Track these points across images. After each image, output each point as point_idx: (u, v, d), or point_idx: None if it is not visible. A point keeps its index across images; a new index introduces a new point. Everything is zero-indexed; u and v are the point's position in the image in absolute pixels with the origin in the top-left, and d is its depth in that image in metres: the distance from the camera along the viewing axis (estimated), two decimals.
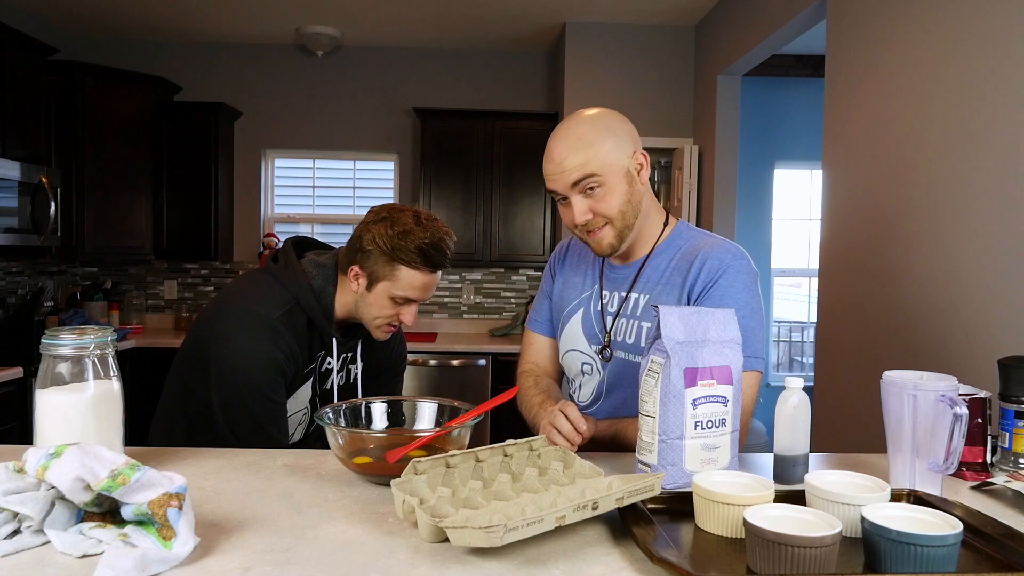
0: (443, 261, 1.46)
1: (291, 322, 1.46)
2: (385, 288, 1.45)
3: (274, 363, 1.43)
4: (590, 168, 1.30)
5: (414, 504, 0.91)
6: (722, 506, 0.93)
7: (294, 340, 1.46)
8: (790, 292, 5.52)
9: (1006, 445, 1.22)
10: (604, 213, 1.33)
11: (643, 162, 1.36)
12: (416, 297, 1.47)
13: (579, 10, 4.06)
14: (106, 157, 4.10)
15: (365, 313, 1.49)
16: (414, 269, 1.44)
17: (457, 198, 4.46)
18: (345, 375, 1.63)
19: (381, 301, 1.46)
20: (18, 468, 0.88)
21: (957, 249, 1.98)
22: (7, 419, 3.14)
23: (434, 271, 1.46)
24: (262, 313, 1.45)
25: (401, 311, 1.49)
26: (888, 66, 2.33)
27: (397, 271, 1.44)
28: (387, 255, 1.43)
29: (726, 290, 1.31)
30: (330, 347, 1.54)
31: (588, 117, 1.35)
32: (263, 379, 1.43)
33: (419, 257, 1.43)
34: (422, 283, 1.46)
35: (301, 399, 1.54)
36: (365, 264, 1.46)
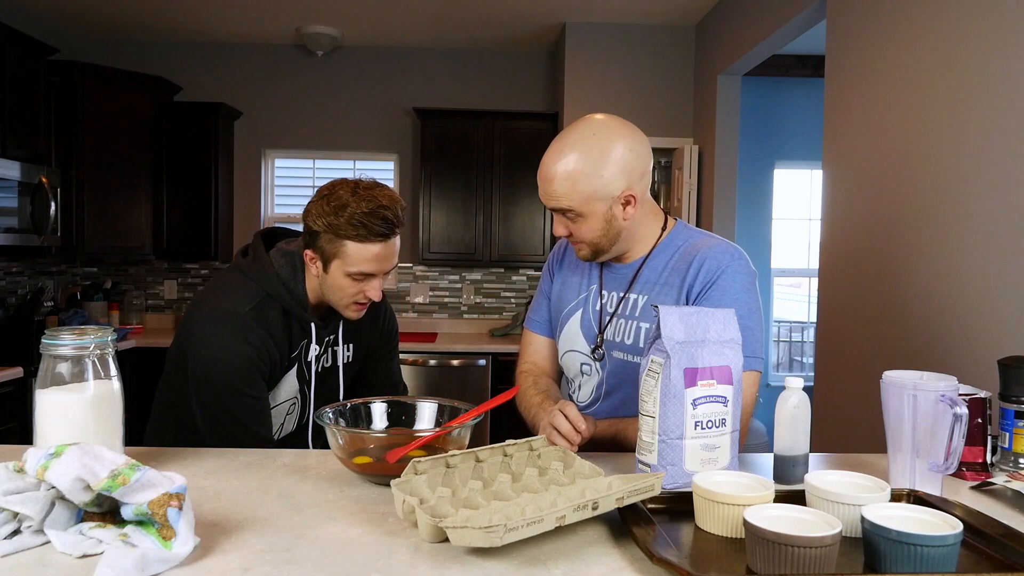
0: (385, 228, 1.39)
1: (263, 315, 1.45)
2: (338, 267, 1.41)
3: (247, 359, 1.42)
4: (570, 203, 1.32)
5: (414, 504, 0.91)
6: (722, 506, 0.93)
7: (267, 333, 1.44)
8: (790, 292, 5.52)
9: (1006, 445, 1.22)
10: (578, 238, 1.37)
11: (632, 201, 1.34)
12: (372, 270, 1.42)
13: (579, 10, 4.06)
14: (106, 157, 4.10)
15: (330, 295, 1.47)
16: (359, 242, 1.38)
17: (457, 198, 4.46)
18: (331, 357, 1.60)
19: (340, 281, 1.43)
20: (18, 468, 0.88)
21: (957, 249, 1.98)
22: (7, 419, 3.14)
23: (380, 240, 1.40)
24: (231, 310, 1.44)
25: (364, 287, 1.44)
26: (888, 66, 2.33)
27: (344, 247, 1.39)
28: (330, 233, 1.39)
29: (725, 290, 1.31)
30: (311, 333, 1.52)
31: (587, 141, 1.30)
32: (238, 376, 1.42)
33: (359, 229, 1.37)
34: (372, 255, 1.40)
35: (288, 388, 1.53)
36: (315, 246, 1.43)
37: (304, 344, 1.52)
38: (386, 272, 1.45)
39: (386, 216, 1.39)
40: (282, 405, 1.55)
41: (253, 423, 1.45)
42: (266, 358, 1.45)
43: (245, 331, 1.42)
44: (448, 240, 4.48)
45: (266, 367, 1.46)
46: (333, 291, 1.45)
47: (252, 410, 1.45)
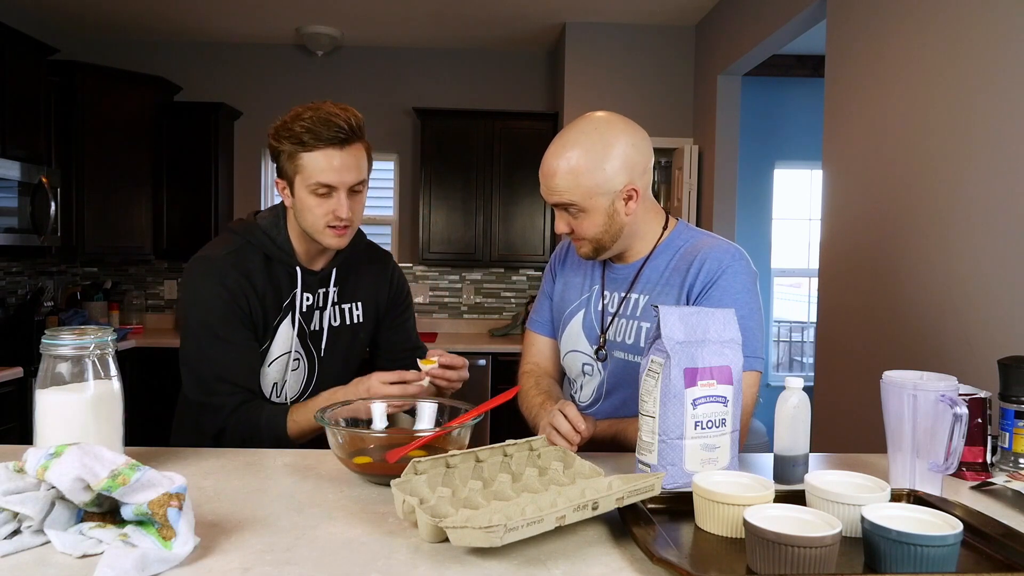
0: (336, 133, 1.37)
1: (240, 260, 1.45)
2: (300, 184, 1.40)
3: (220, 300, 1.42)
4: (571, 197, 1.32)
5: (414, 504, 0.91)
6: (722, 506, 0.93)
7: (244, 278, 1.44)
8: (790, 292, 5.52)
9: (1006, 445, 1.22)
10: (580, 234, 1.37)
11: (634, 195, 1.34)
12: (331, 181, 1.38)
13: (579, 10, 4.06)
14: (106, 157, 4.10)
15: (304, 222, 1.45)
16: (313, 151, 1.37)
17: (457, 198, 4.46)
18: (338, 315, 1.58)
19: (306, 200, 1.41)
20: (18, 468, 0.88)
21: (957, 249, 1.98)
22: (7, 419, 3.14)
23: (336, 146, 1.38)
24: (207, 255, 1.47)
25: (331, 205, 1.41)
26: (888, 66, 2.33)
27: (299, 160, 1.39)
28: (286, 150, 1.39)
29: (725, 290, 1.31)
30: (297, 280, 1.50)
31: (589, 136, 1.31)
32: (212, 317, 1.42)
33: (309, 136, 1.36)
34: (328, 163, 1.38)
35: (283, 341, 1.50)
36: (281, 171, 1.43)
37: (295, 295, 1.50)
38: (350, 186, 1.41)
39: (335, 122, 1.37)
40: (280, 360, 1.51)
41: (229, 371, 1.42)
42: (243, 301, 1.43)
43: (220, 274, 1.43)
44: (448, 240, 4.48)
45: (243, 311, 1.44)
46: (304, 215, 1.43)
47: (229, 356, 1.43)
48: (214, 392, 1.42)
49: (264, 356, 1.49)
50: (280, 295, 1.49)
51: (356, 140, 1.42)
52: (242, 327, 1.44)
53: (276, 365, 1.51)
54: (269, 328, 1.48)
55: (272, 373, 1.51)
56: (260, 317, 1.47)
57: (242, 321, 1.44)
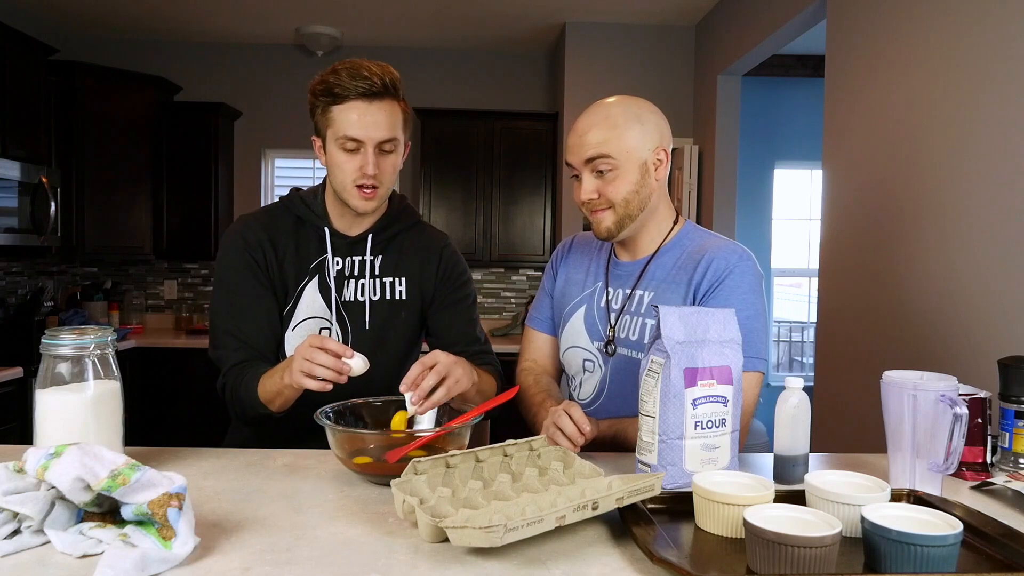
0: (365, 85, 1.35)
1: (270, 218, 1.48)
2: (331, 139, 1.39)
3: (236, 251, 1.44)
4: (608, 149, 1.32)
5: (414, 504, 0.91)
6: (722, 506, 0.93)
7: (266, 232, 1.46)
8: (790, 292, 5.52)
9: (1006, 445, 1.22)
10: (609, 197, 1.35)
11: (663, 159, 1.36)
12: (358, 135, 1.36)
13: (579, 10, 4.06)
14: (106, 157, 4.10)
15: (334, 181, 1.43)
16: (343, 104, 1.36)
17: (457, 198, 4.46)
18: (378, 288, 1.52)
19: (336, 157, 1.39)
20: (18, 468, 0.88)
21: (957, 249, 1.98)
22: (7, 419, 3.14)
23: (364, 98, 1.36)
24: (243, 214, 1.52)
25: (359, 161, 1.38)
26: (888, 66, 2.33)
27: (329, 114, 1.38)
28: (319, 106, 1.40)
29: (732, 291, 1.31)
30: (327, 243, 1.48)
31: (622, 100, 1.36)
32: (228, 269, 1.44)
33: (340, 89, 1.36)
34: (357, 115, 1.36)
35: (309, 304, 1.47)
36: (316, 130, 1.44)
37: (324, 258, 1.48)
38: (378, 142, 1.38)
39: (363, 73, 1.36)
40: (306, 324, 1.47)
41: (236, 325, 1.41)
42: (259, 254, 1.44)
43: (244, 228, 1.46)
44: None
45: (259, 265, 1.44)
46: (335, 174, 1.41)
47: (236, 310, 1.42)
48: (220, 345, 1.42)
49: (288, 319, 1.46)
50: (307, 256, 1.48)
51: (389, 96, 1.38)
52: (256, 283, 1.43)
53: (301, 329, 1.46)
54: (291, 289, 1.46)
55: (296, 338, 1.45)
56: (278, 274, 1.45)
57: (256, 276, 1.43)
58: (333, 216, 1.50)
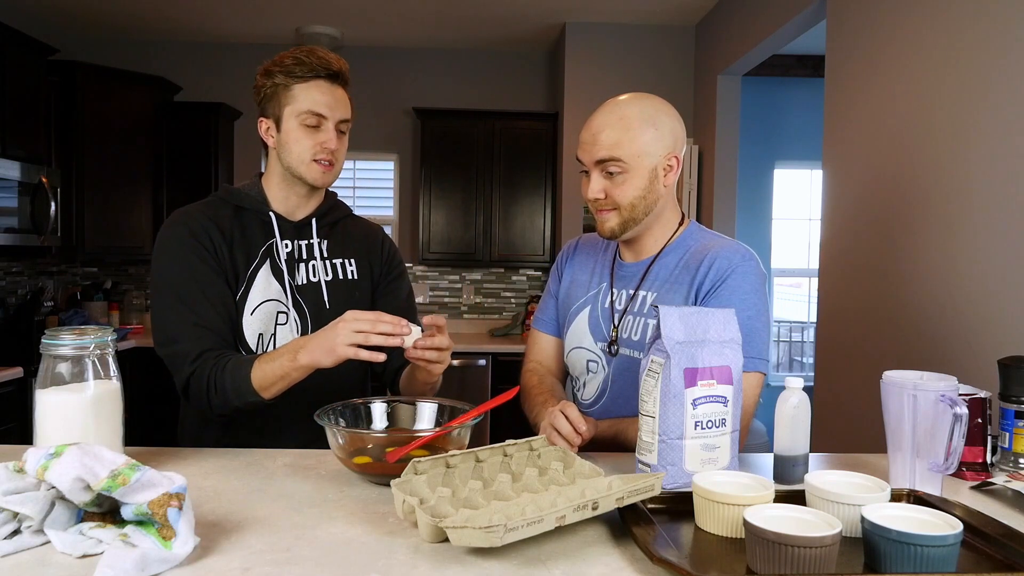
0: (325, 67, 1.42)
1: (210, 209, 1.47)
2: (289, 115, 1.42)
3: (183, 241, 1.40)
4: (619, 152, 1.31)
5: (414, 504, 0.91)
6: (722, 506, 0.93)
7: (211, 220, 1.44)
8: (790, 292, 5.52)
9: (1006, 445, 1.22)
10: (616, 199, 1.35)
11: (674, 165, 1.36)
12: (322, 111, 1.41)
13: (579, 10, 4.06)
14: (106, 157, 4.10)
15: (289, 157, 1.44)
16: (306, 82, 1.41)
17: (457, 198, 4.46)
18: (329, 269, 1.54)
19: (294, 133, 1.42)
20: (18, 468, 0.88)
21: (957, 249, 1.98)
22: (7, 419, 3.14)
23: (323, 79, 1.42)
24: (180, 209, 1.48)
25: (319, 137, 1.43)
26: (888, 66, 2.33)
27: (291, 91, 1.42)
28: (276, 84, 1.42)
29: (734, 290, 1.31)
30: (272, 228, 1.48)
31: (639, 100, 1.35)
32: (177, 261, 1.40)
33: (302, 68, 1.41)
34: (318, 94, 1.42)
35: (262, 288, 1.45)
36: (266, 110, 1.46)
37: (272, 243, 1.48)
38: (338, 121, 1.44)
39: (323, 55, 1.42)
40: (262, 308, 1.45)
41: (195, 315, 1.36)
42: (207, 241, 1.41)
43: (186, 220, 1.43)
44: (448, 240, 4.48)
45: (208, 251, 1.41)
46: (289, 149, 1.44)
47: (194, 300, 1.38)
48: (177, 339, 1.36)
49: (242, 306, 1.44)
50: (254, 242, 1.47)
51: (344, 83, 1.46)
52: (208, 269, 1.40)
53: (259, 314, 1.45)
54: (241, 274, 1.44)
55: (255, 323, 1.45)
56: (228, 261, 1.43)
57: (207, 262, 1.41)
58: (275, 201, 1.50)
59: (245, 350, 1.44)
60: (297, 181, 1.47)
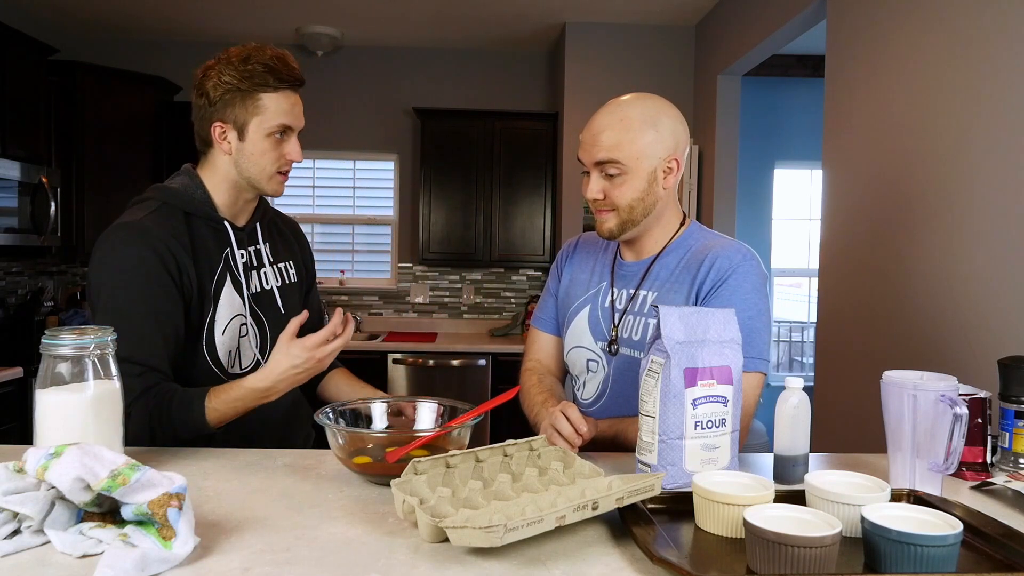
0: (296, 74, 1.36)
1: (163, 219, 1.33)
2: (257, 126, 1.34)
3: (144, 265, 1.27)
4: (618, 154, 1.31)
5: (414, 504, 0.91)
6: (722, 506, 0.93)
7: (173, 237, 1.31)
8: (790, 292, 5.52)
9: (1006, 445, 1.22)
10: (614, 200, 1.35)
11: (674, 167, 1.35)
12: (292, 124, 1.37)
13: (579, 10, 4.06)
14: (106, 157, 4.10)
15: (251, 167, 1.37)
16: (275, 92, 1.34)
17: (457, 198, 4.46)
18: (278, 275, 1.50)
19: (260, 145, 1.35)
20: (18, 468, 0.88)
21: (957, 249, 1.98)
22: (7, 419, 3.15)
23: (292, 88, 1.37)
24: (126, 222, 1.32)
25: (284, 148, 1.38)
26: (888, 66, 2.33)
27: (260, 101, 1.33)
28: (241, 90, 1.32)
29: (734, 290, 1.31)
30: (227, 236, 1.40)
31: (642, 101, 1.34)
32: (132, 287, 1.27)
33: (272, 77, 1.33)
34: (289, 104, 1.36)
35: (228, 304, 1.39)
36: (225, 114, 1.34)
37: (228, 253, 1.41)
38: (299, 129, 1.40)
39: (289, 62, 1.36)
40: (231, 326, 1.39)
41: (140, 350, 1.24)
42: (172, 265, 1.29)
43: (144, 233, 1.29)
44: (448, 240, 4.48)
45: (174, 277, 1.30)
46: (254, 160, 1.36)
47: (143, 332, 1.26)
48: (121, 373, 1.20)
49: (212, 326, 1.36)
50: (211, 254, 1.38)
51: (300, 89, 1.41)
52: (166, 298, 1.29)
53: (229, 332, 1.39)
54: (207, 294, 1.35)
55: (226, 341, 1.38)
56: (194, 281, 1.33)
57: (167, 291, 1.29)
58: (222, 207, 1.41)
59: (217, 369, 1.38)
60: (250, 189, 1.41)
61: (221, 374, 1.39)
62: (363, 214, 4.86)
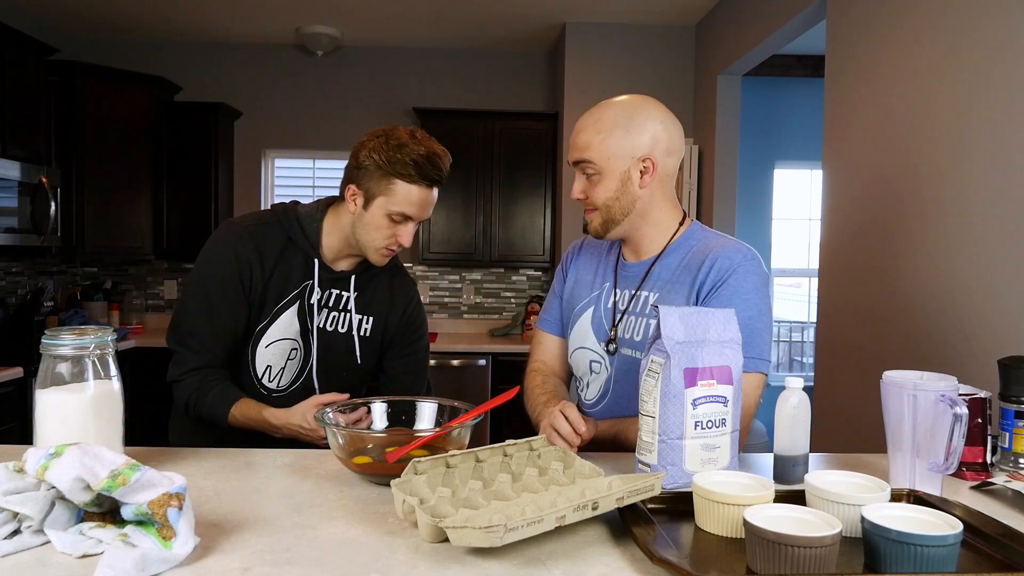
0: (438, 175, 1.46)
1: (263, 231, 1.50)
2: (381, 204, 1.45)
3: (226, 263, 1.47)
4: (589, 155, 1.35)
5: (414, 504, 0.91)
6: (722, 506, 0.93)
7: (257, 252, 1.48)
8: (790, 292, 5.52)
9: (1006, 445, 1.22)
10: (591, 199, 1.38)
11: (650, 169, 1.35)
12: (413, 214, 1.46)
13: (579, 10, 4.06)
14: (106, 157, 4.10)
15: (363, 234, 1.49)
16: (409, 183, 1.44)
17: (457, 198, 4.46)
18: (346, 322, 1.59)
19: (378, 220, 1.46)
20: (18, 468, 0.88)
21: (957, 249, 1.98)
22: (7, 419, 3.14)
23: (430, 186, 1.46)
24: (236, 221, 1.53)
25: (398, 231, 1.48)
26: (888, 66, 2.33)
27: (393, 185, 1.44)
28: (383, 170, 1.43)
29: (735, 290, 1.31)
30: (312, 271, 1.53)
31: (623, 103, 1.37)
32: (213, 276, 1.47)
33: (414, 170, 1.42)
34: (418, 198, 1.45)
35: (285, 326, 1.53)
36: (361, 182, 1.46)
37: (308, 287, 1.53)
38: (421, 220, 1.50)
39: (439, 164, 1.45)
40: (278, 344, 1.53)
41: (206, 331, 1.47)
42: (246, 274, 1.48)
43: (236, 241, 1.48)
44: (448, 240, 4.48)
45: (244, 283, 1.48)
46: (368, 229, 1.47)
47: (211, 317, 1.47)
48: (184, 344, 1.48)
49: (260, 336, 1.51)
50: (291, 280, 1.52)
51: (444, 183, 1.50)
52: (236, 297, 1.48)
53: (274, 348, 1.53)
54: (268, 307, 1.51)
55: (268, 356, 1.53)
56: (259, 295, 1.49)
57: (237, 292, 1.48)
58: (326, 247, 1.54)
59: (253, 376, 1.53)
60: (358, 248, 1.52)
61: (255, 380, 1.55)
62: None
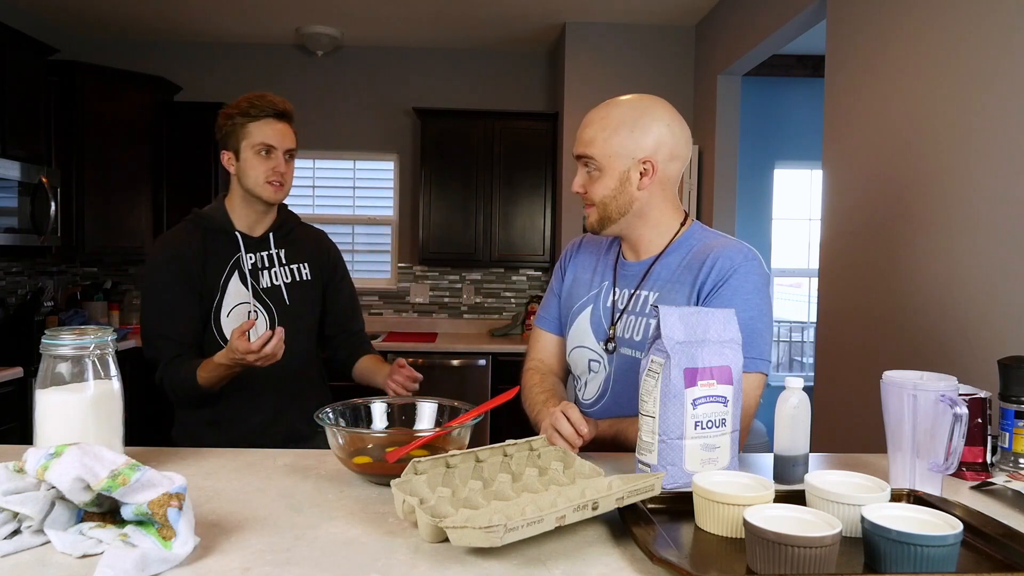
0: (273, 108, 1.73)
1: (182, 234, 1.77)
2: (246, 147, 1.73)
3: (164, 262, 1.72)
4: (591, 151, 1.36)
5: (414, 504, 0.91)
6: (722, 506, 0.93)
7: (186, 244, 1.74)
8: (790, 292, 5.52)
9: (1006, 445, 1.22)
10: (590, 195, 1.39)
11: (649, 171, 1.35)
12: (272, 142, 1.72)
13: (579, 10, 4.06)
14: (106, 157, 4.09)
15: (248, 180, 1.74)
16: (255, 119, 1.72)
17: (457, 198, 4.46)
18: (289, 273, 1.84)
19: (251, 160, 1.73)
20: (18, 468, 0.88)
21: (957, 249, 1.98)
22: (7, 419, 3.14)
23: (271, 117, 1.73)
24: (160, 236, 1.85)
25: (272, 164, 1.73)
26: (888, 66, 2.33)
27: (245, 128, 1.73)
28: (232, 122, 1.74)
29: (735, 290, 1.31)
30: (238, 244, 1.77)
31: (631, 101, 1.37)
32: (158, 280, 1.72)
33: (251, 108, 1.72)
34: (269, 129, 1.73)
35: (234, 294, 1.75)
36: (227, 144, 1.76)
37: (238, 256, 1.77)
38: (286, 151, 1.75)
39: (269, 99, 1.75)
40: (236, 311, 1.75)
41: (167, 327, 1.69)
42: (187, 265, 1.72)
43: (165, 244, 1.77)
44: (448, 240, 4.48)
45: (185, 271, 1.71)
46: (248, 174, 1.74)
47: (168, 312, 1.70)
48: (156, 347, 1.69)
49: (218, 311, 1.74)
50: (223, 256, 1.76)
51: (288, 120, 1.78)
52: (184, 287, 1.71)
53: (235, 314, 1.75)
54: (215, 285, 1.74)
55: (232, 322, 1.74)
56: (201, 276, 1.73)
57: (183, 281, 1.71)
58: (238, 220, 1.79)
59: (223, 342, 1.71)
60: (256, 200, 1.77)
61: None
62: (363, 214, 4.86)
